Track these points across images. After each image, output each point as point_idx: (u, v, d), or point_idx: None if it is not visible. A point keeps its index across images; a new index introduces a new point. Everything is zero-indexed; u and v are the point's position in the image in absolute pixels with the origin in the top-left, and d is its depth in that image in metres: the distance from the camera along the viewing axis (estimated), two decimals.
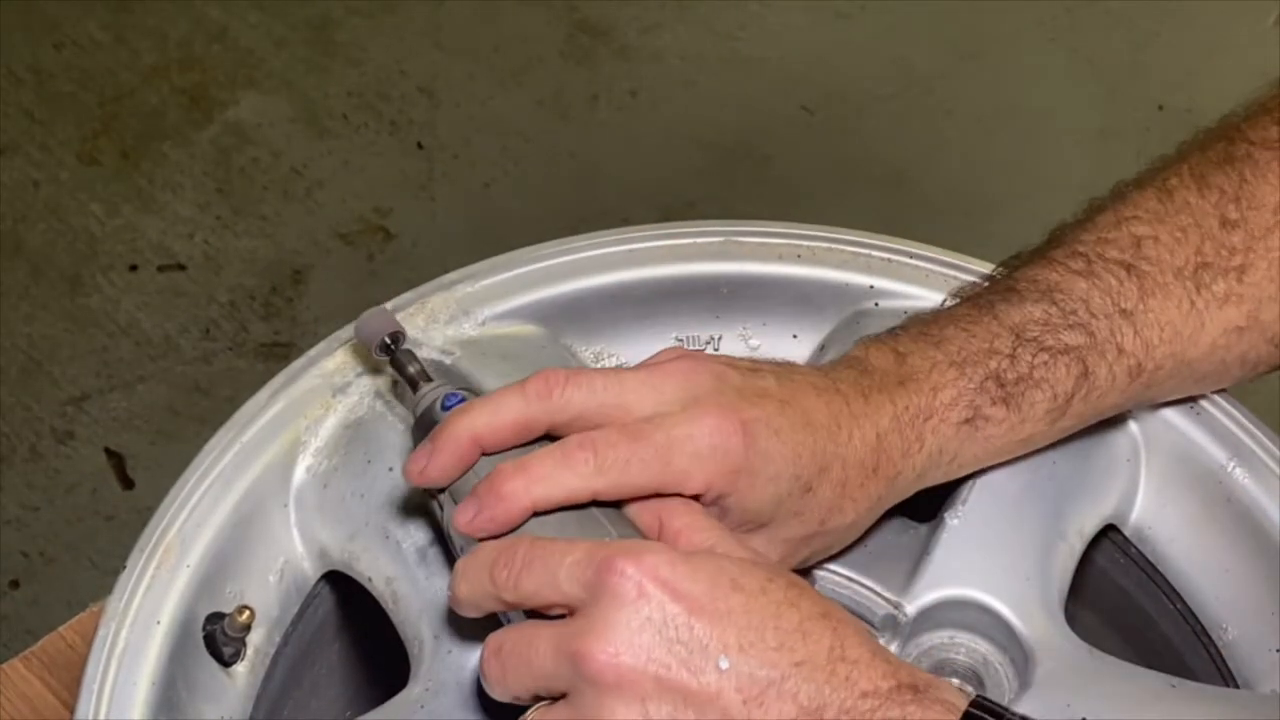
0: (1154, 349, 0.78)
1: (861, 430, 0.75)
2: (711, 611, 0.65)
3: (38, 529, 1.97)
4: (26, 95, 2.36)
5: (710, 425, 0.72)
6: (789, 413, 0.73)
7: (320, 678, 0.85)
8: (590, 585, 0.66)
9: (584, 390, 0.72)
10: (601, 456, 0.70)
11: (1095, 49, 2.49)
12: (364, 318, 0.81)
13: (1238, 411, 0.84)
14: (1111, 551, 0.85)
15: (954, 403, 0.77)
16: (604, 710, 0.64)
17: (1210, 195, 0.80)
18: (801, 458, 0.73)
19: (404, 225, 2.26)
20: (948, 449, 0.77)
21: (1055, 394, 0.77)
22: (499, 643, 0.68)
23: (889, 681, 0.65)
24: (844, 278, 0.88)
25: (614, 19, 2.49)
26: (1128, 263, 0.79)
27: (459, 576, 0.70)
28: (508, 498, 0.70)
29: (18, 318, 2.13)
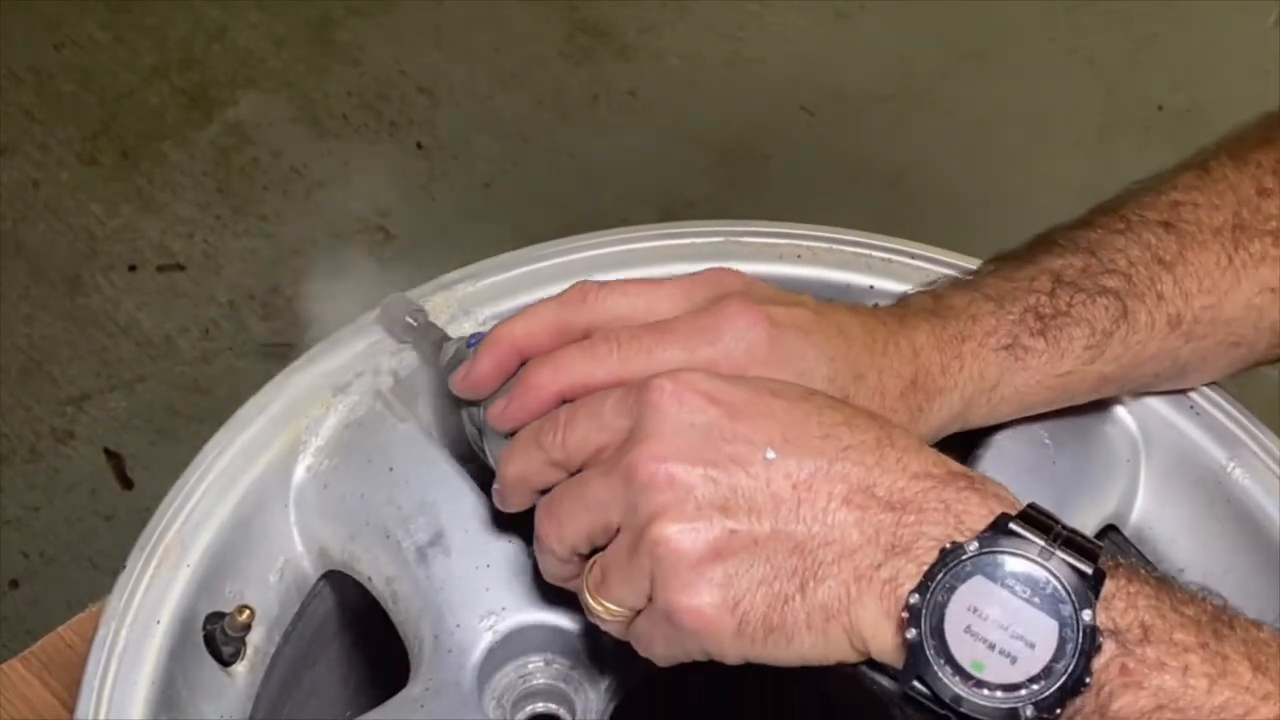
0: (1192, 299, 0.79)
1: (897, 343, 0.75)
2: (753, 413, 0.66)
3: (37, 529, 1.97)
4: (26, 95, 2.36)
5: (734, 314, 0.72)
6: (822, 320, 0.74)
7: (320, 677, 0.85)
8: (633, 411, 0.67)
9: (617, 294, 0.75)
10: (626, 347, 0.72)
11: (1095, 49, 2.49)
12: (383, 307, 0.85)
13: (1237, 411, 0.84)
14: (1111, 551, 0.85)
15: (993, 330, 0.77)
16: (658, 513, 0.65)
17: (1247, 169, 0.81)
18: (835, 361, 0.73)
19: (404, 225, 2.26)
20: (989, 374, 0.77)
21: (1093, 330, 0.78)
22: (549, 500, 0.70)
23: (942, 468, 0.66)
24: (844, 278, 0.88)
25: (614, 19, 2.49)
26: (1166, 221, 0.80)
27: (506, 461, 0.72)
28: (536, 387, 0.72)
29: (17, 318, 2.14)
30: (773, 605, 0.64)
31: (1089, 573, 0.62)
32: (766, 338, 0.72)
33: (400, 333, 0.85)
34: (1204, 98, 2.34)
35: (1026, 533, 0.63)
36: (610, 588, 0.68)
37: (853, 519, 0.64)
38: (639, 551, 0.65)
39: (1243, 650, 0.63)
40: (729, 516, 0.65)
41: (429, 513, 0.79)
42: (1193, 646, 0.62)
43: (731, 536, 0.64)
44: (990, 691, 0.61)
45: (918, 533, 0.64)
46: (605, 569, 0.68)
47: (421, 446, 0.81)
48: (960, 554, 0.62)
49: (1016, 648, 0.62)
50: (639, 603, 0.67)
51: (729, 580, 0.64)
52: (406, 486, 0.80)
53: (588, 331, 0.74)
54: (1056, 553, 0.63)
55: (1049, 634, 0.61)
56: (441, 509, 0.79)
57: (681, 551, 0.64)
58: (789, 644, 0.65)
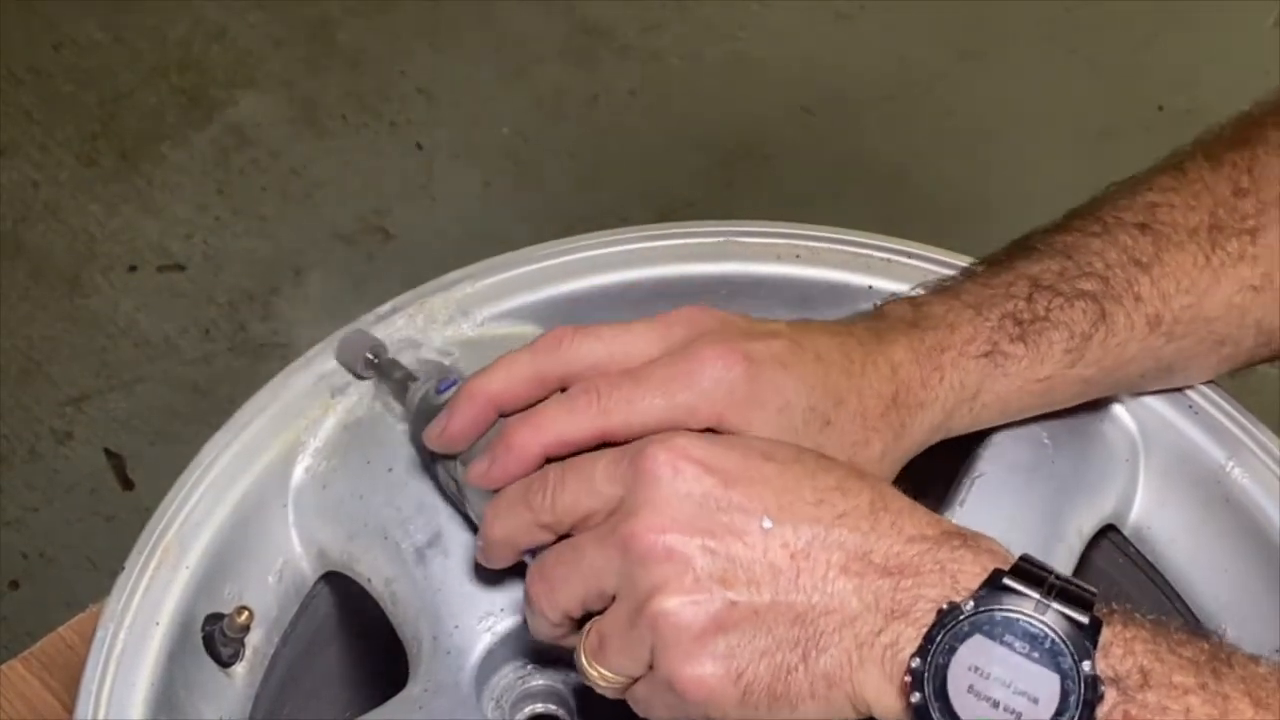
0: (1171, 299, 0.79)
1: (875, 363, 0.75)
2: (746, 480, 0.66)
3: (37, 529, 1.97)
4: (26, 95, 2.36)
5: (711, 357, 0.72)
6: (798, 349, 0.74)
7: (319, 678, 0.85)
8: (625, 478, 0.67)
9: (591, 340, 0.74)
10: (605, 398, 0.71)
11: (1095, 49, 2.49)
12: (341, 341, 0.83)
13: (1236, 411, 0.84)
14: (1110, 551, 0.85)
15: (971, 338, 0.77)
16: (659, 586, 0.65)
17: (1223, 169, 0.81)
18: (815, 390, 0.73)
19: (403, 225, 2.26)
20: (969, 383, 0.77)
21: (1072, 334, 0.78)
22: (540, 563, 0.69)
23: (935, 529, 0.66)
24: (844, 278, 0.88)
25: (614, 19, 2.49)
26: (1142, 223, 0.80)
27: (491, 519, 0.72)
28: (518, 447, 0.72)
29: (17, 318, 2.14)
30: (776, 675, 0.64)
31: (1085, 622, 0.62)
32: (744, 376, 0.72)
33: (360, 370, 0.83)
34: (1204, 98, 2.34)
35: (1021, 587, 0.63)
36: (609, 656, 0.67)
37: (851, 587, 0.64)
38: (639, 624, 0.65)
39: (1242, 688, 0.62)
40: (729, 588, 0.65)
41: (428, 513, 0.79)
42: (1193, 688, 0.62)
43: (732, 608, 0.64)
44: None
45: (915, 596, 0.64)
46: (603, 637, 0.67)
47: None
48: (957, 614, 0.62)
49: (1020, 704, 0.61)
50: (638, 671, 0.67)
51: (731, 651, 0.64)
52: (405, 487, 0.80)
53: (564, 381, 0.73)
54: (1052, 605, 0.62)
55: (1051, 687, 0.61)
56: (440, 510, 0.79)
57: (684, 624, 0.64)
58: (793, 711, 0.65)
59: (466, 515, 0.77)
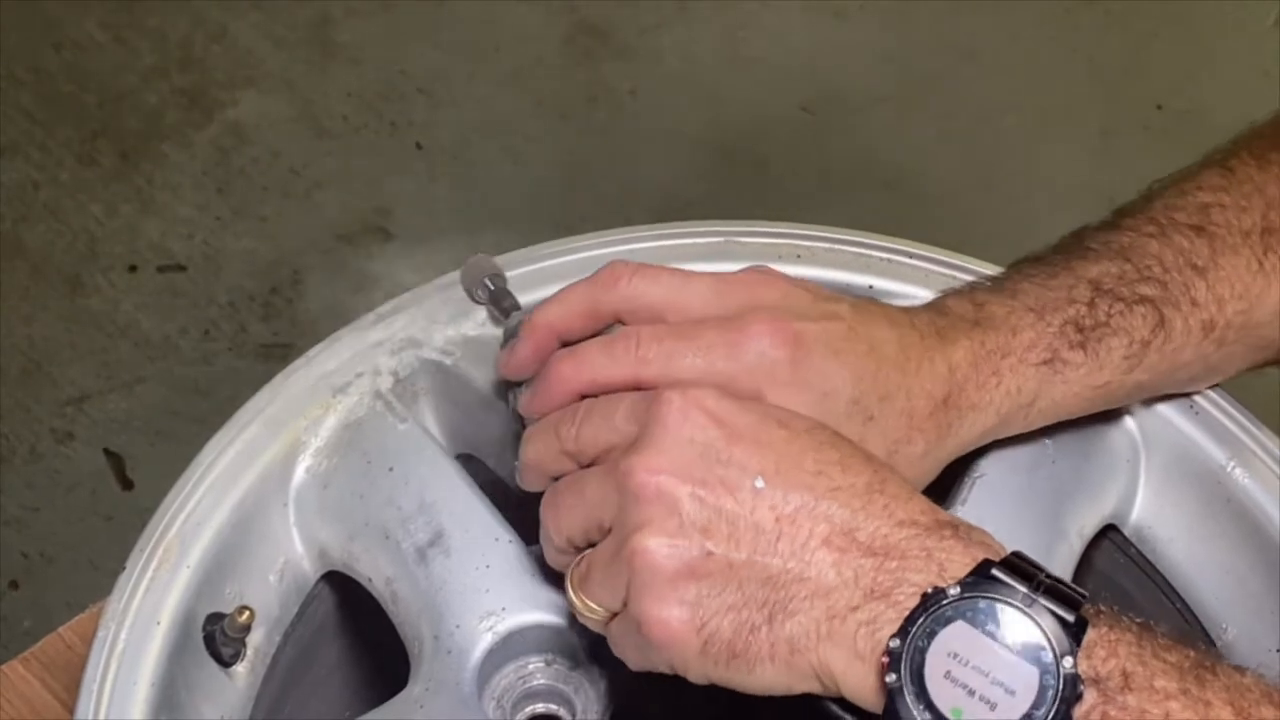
0: (1225, 305, 0.79)
1: (932, 362, 0.75)
2: (752, 440, 0.66)
3: (37, 530, 1.97)
4: (26, 95, 2.36)
5: (760, 332, 0.72)
6: (854, 338, 0.74)
7: (320, 678, 0.85)
8: (641, 417, 0.68)
9: (649, 282, 0.75)
10: (645, 348, 0.73)
11: (1095, 49, 2.49)
12: (466, 265, 0.86)
13: (1237, 411, 0.84)
14: (1111, 551, 0.85)
15: (1033, 345, 0.77)
16: (643, 524, 0.65)
17: (1271, 170, 0.81)
18: (862, 381, 0.73)
19: (403, 226, 2.26)
20: (1026, 389, 0.77)
21: (1132, 340, 0.78)
22: (553, 489, 0.72)
23: (928, 517, 0.65)
24: (844, 278, 0.88)
25: (614, 19, 2.49)
26: (1197, 225, 0.80)
27: (526, 443, 0.75)
28: (557, 381, 0.74)
29: (17, 318, 2.14)
30: (738, 632, 0.65)
31: (1071, 621, 0.62)
32: (789, 359, 0.72)
33: (476, 292, 0.86)
34: (1204, 98, 2.34)
35: (1009, 579, 0.63)
36: (591, 586, 0.69)
37: (830, 560, 0.64)
38: (620, 557, 0.66)
39: (1225, 696, 0.62)
40: (709, 538, 0.65)
41: (429, 513, 0.79)
42: (1174, 693, 0.62)
43: (708, 558, 0.65)
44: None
45: (899, 579, 0.64)
46: (590, 566, 0.69)
47: (421, 447, 0.81)
48: (941, 599, 0.62)
49: (996, 694, 0.61)
50: (615, 605, 0.68)
51: (699, 600, 0.65)
52: (406, 487, 0.80)
53: (617, 316, 0.76)
54: (1039, 600, 0.62)
55: (1029, 681, 0.61)
56: (441, 509, 0.79)
57: (658, 565, 0.65)
58: (749, 672, 0.65)
59: None
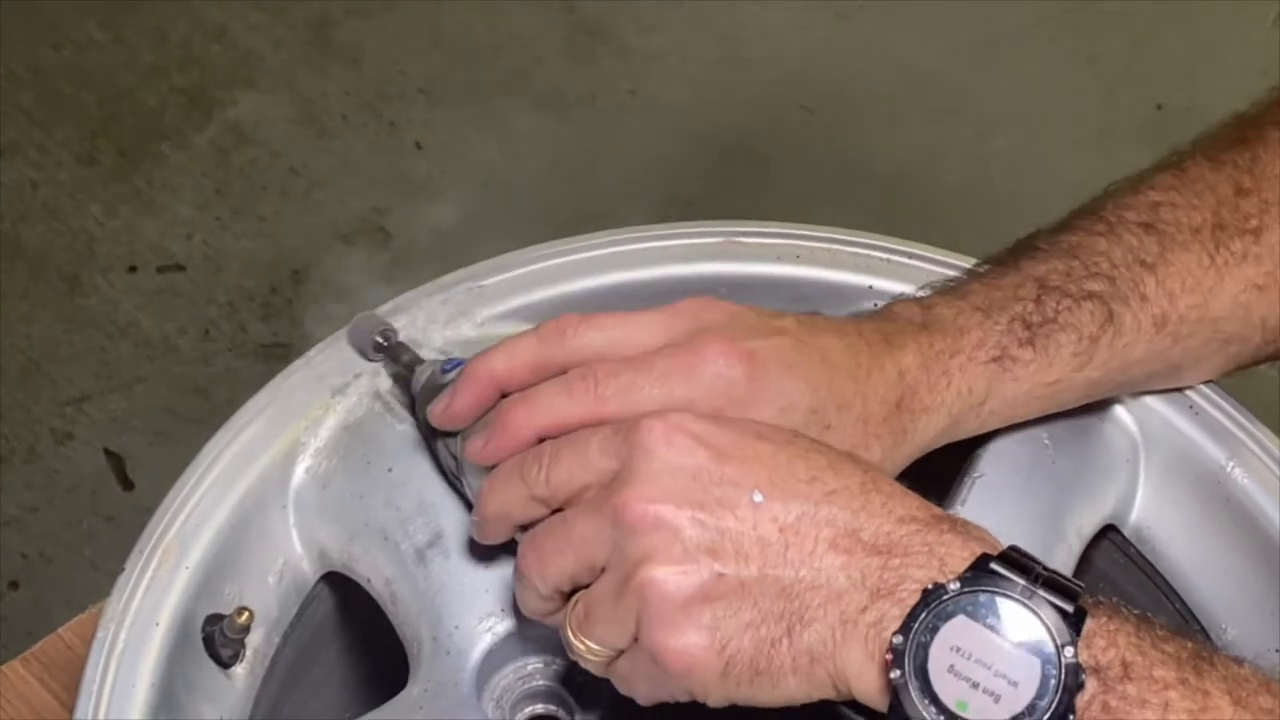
0: (1177, 299, 0.79)
1: (882, 367, 0.75)
2: (739, 456, 0.66)
3: (37, 530, 1.97)
4: (25, 96, 2.36)
5: (713, 353, 0.72)
6: (805, 350, 0.74)
7: (319, 679, 0.85)
8: (619, 451, 0.67)
9: (595, 329, 0.74)
10: (603, 384, 0.72)
11: (1095, 49, 2.49)
12: (352, 325, 0.84)
13: (1237, 411, 0.84)
14: (1110, 552, 0.85)
15: (981, 343, 0.77)
16: (647, 555, 0.65)
17: (1224, 169, 0.82)
18: (818, 392, 0.73)
19: (403, 225, 2.26)
20: (977, 388, 0.77)
21: (1081, 336, 0.78)
22: (532, 536, 0.70)
23: (925, 513, 0.66)
24: (843, 278, 0.88)
25: (614, 19, 2.49)
26: (1146, 223, 0.80)
27: (486, 495, 0.72)
28: (513, 426, 0.72)
29: (16, 318, 2.14)
30: (759, 648, 0.64)
31: (1070, 611, 0.62)
32: (745, 376, 0.72)
33: (370, 352, 0.84)
34: (1204, 98, 2.34)
35: (1008, 573, 0.63)
36: (594, 627, 0.67)
37: (839, 563, 0.64)
38: (626, 593, 0.65)
39: (1223, 685, 0.63)
40: (717, 560, 0.65)
41: (428, 514, 0.79)
42: (1173, 683, 0.62)
43: (719, 580, 0.64)
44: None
45: (902, 575, 0.64)
46: (590, 608, 0.67)
47: (420, 447, 0.81)
48: (942, 594, 0.62)
49: (1000, 686, 0.61)
50: (623, 643, 0.67)
51: (716, 623, 0.64)
52: (405, 488, 0.80)
53: (566, 367, 0.74)
54: (1038, 592, 0.63)
55: (1032, 672, 0.61)
56: (440, 510, 0.79)
57: (669, 594, 0.64)
58: (774, 687, 0.65)
59: (463, 494, 0.78)
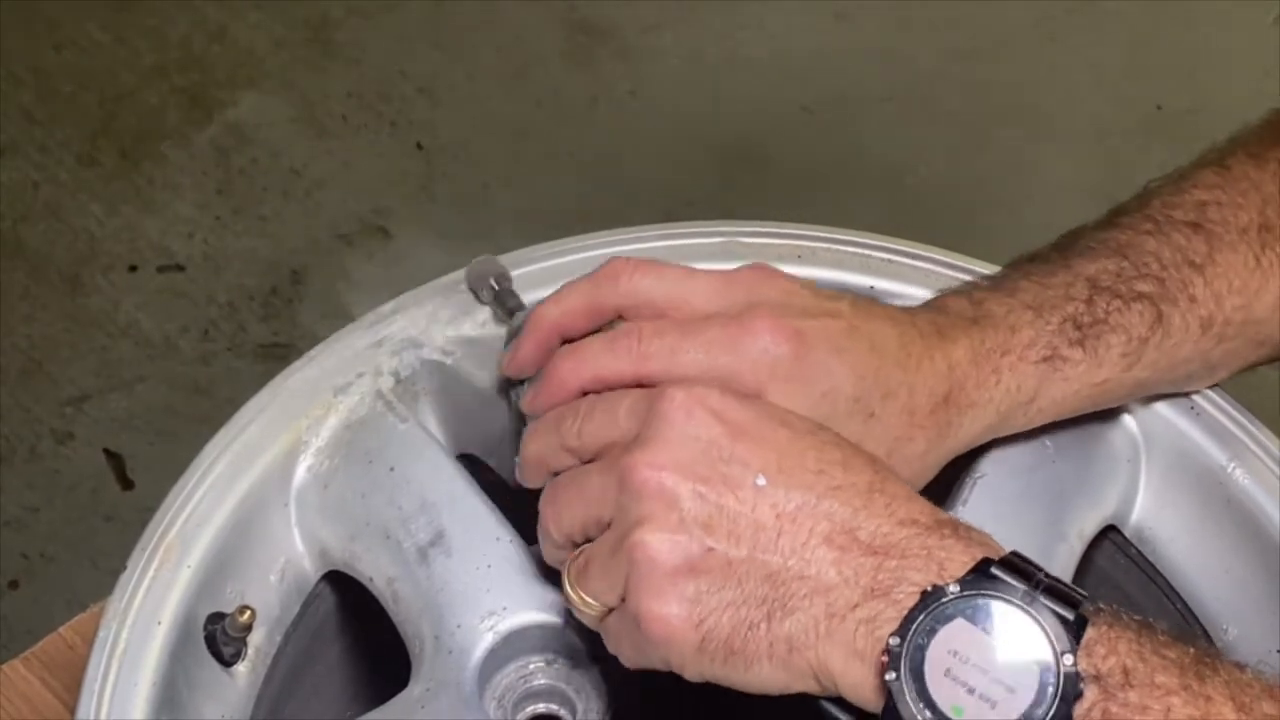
0: (1223, 301, 0.79)
1: (932, 359, 0.75)
2: (755, 437, 0.67)
3: (37, 529, 1.97)
4: (26, 96, 2.36)
5: (762, 328, 0.73)
6: (856, 335, 0.74)
7: (321, 677, 0.85)
8: (642, 414, 0.68)
9: (650, 278, 0.76)
10: (646, 344, 0.73)
11: (1095, 49, 2.49)
12: (472, 265, 0.86)
13: (1237, 412, 0.84)
14: (1112, 552, 0.85)
15: (1032, 342, 0.77)
16: (644, 519, 0.66)
17: (1267, 167, 0.82)
18: (864, 379, 0.73)
19: (403, 226, 2.26)
20: (1026, 386, 0.77)
21: (1130, 337, 0.78)
22: (553, 485, 0.72)
23: (928, 517, 0.66)
24: (844, 278, 0.88)
25: (614, 19, 2.49)
26: (1194, 222, 0.80)
27: (528, 439, 0.75)
28: (558, 379, 0.74)
29: (17, 318, 2.14)
30: (736, 629, 0.65)
31: (1071, 619, 0.62)
32: (791, 354, 0.72)
33: (482, 293, 0.86)
34: (1204, 98, 2.34)
35: (1009, 578, 0.63)
36: (589, 580, 0.69)
37: (831, 558, 0.64)
38: (620, 551, 0.66)
39: (1225, 691, 0.62)
40: (709, 535, 0.65)
41: (430, 513, 0.79)
42: (1175, 689, 0.62)
43: (708, 555, 0.65)
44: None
45: (899, 577, 0.64)
46: (588, 561, 0.69)
47: (422, 446, 0.81)
48: (941, 597, 0.62)
49: (996, 692, 0.61)
50: (613, 600, 0.68)
51: (698, 597, 0.65)
52: (407, 487, 0.80)
53: (619, 312, 0.76)
54: (1039, 598, 0.62)
55: (1029, 679, 0.61)
56: (442, 509, 0.79)
57: (658, 560, 0.65)
58: (747, 669, 0.65)
59: None
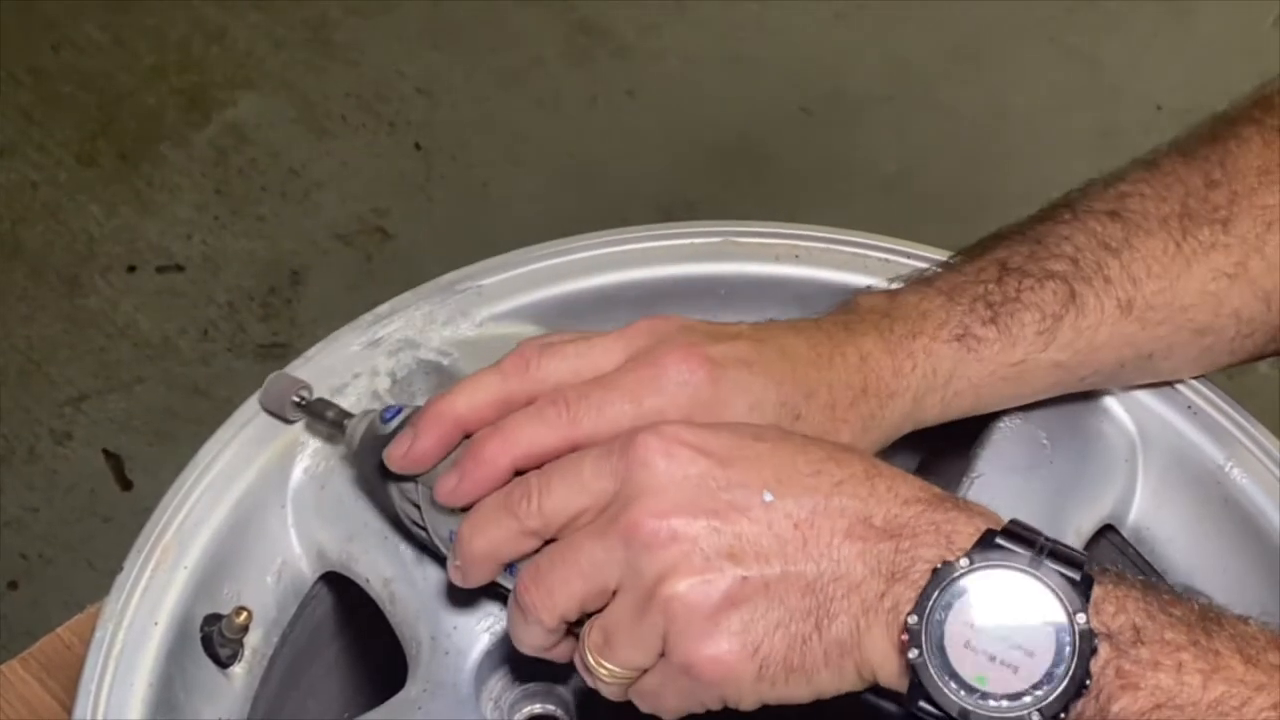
0: (1141, 283, 0.79)
1: (844, 355, 0.76)
2: (741, 458, 0.66)
3: (36, 530, 1.97)
4: (25, 96, 2.36)
5: (673, 361, 0.72)
6: (761, 347, 0.74)
7: (318, 678, 0.85)
8: (617, 470, 0.66)
9: (557, 358, 0.74)
10: (574, 407, 0.71)
11: (1095, 49, 2.49)
12: (266, 387, 0.81)
13: (1235, 412, 0.84)
14: (1109, 551, 0.85)
15: (943, 324, 0.77)
16: (668, 571, 0.64)
17: (1195, 163, 0.82)
18: (784, 385, 0.74)
19: (402, 226, 2.26)
20: (941, 368, 0.77)
21: (1043, 315, 0.78)
22: (534, 569, 0.67)
23: (927, 493, 0.67)
24: (842, 278, 0.88)
25: (613, 19, 2.49)
26: (1112, 211, 0.81)
27: (470, 535, 0.69)
28: (487, 460, 0.71)
29: (16, 319, 2.13)
30: (792, 646, 0.65)
31: (1077, 579, 0.63)
32: (708, 379, 0.72)
33: (289, 414, 0.81)
34: (1204, 98, 2.33)
35: (1013, 546, 0.64)
36: (616, 650, 0.67)
37: (856, 551, 0.65)
38: (649, 611, 0.65)
39: (1233, 645, 0.64)
40: (738, 564, 0.65)
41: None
42: (1184, 645, 0.63)
43: (744, 583, 0.64)
44: (996, 702, 0.62)
45: (913, 557, 0.64)
46: (609, 632, 0.67)
47: None
48: (952, 571, 0.63)
49: (1016, 657, 0.62)
50: (648, 662, 0.66)
51: (746, 627, 0.64)
52: None
53: (531, 400, 0.73)
54: (1045, 562, 0.63)
55: (1046, 641, 0.62)
56: None
57: (696, 605, 0.64)
58: (809, 682, 0.65)
59: (426, 542, 0.75)
